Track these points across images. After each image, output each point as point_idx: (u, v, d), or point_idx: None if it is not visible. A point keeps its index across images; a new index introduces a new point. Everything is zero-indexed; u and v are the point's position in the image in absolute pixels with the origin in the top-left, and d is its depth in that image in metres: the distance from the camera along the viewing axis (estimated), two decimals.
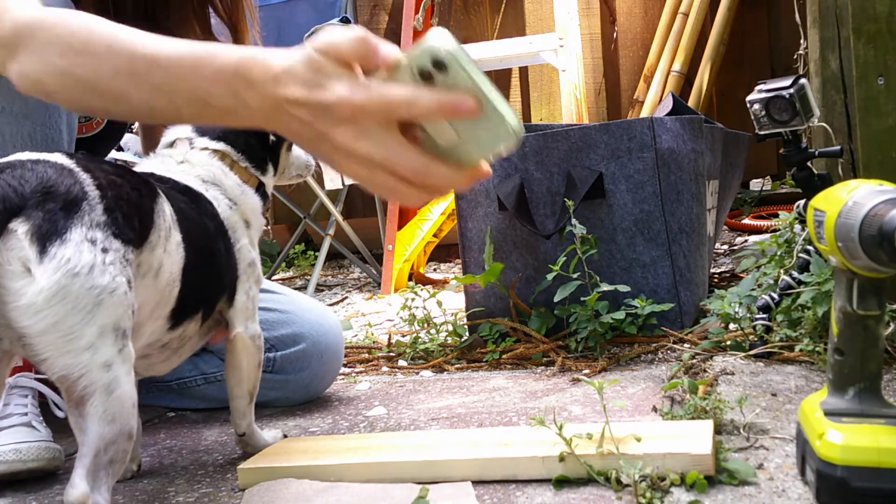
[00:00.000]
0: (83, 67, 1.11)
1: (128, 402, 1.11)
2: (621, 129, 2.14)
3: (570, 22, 3.85)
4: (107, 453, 1.09)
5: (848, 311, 1.10)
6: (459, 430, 1.55)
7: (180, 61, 1.06)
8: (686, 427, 1.34)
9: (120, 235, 1.13)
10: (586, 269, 2.04)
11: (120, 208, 1.14)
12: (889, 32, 1.87)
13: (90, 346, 1.07)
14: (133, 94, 1.10)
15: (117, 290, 1.10)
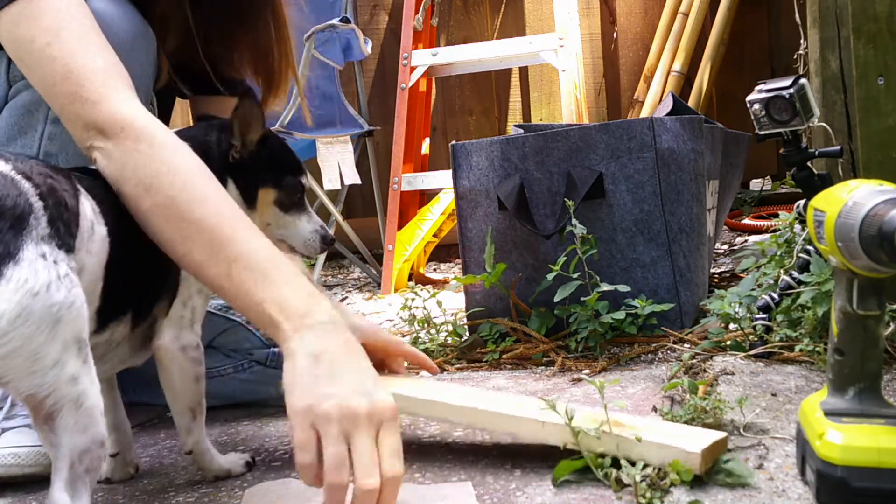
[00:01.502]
0: (167, 202, 1.26)
1: (97, 411, 1.10)
2: (621, 129, 2.14)
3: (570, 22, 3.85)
4: (82, 463, 1.08)
5: (848, 311, 1.10)
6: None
7: (252, 275, 1.23)
8: (692, 429, 1.33)
9: (63, 245, 1.11)
10: (586, 269, 2.04)
11: (60, 216, 1.12)
12: (889, 32, 1.87)
13: (56, 362, 1.06)
14: (194, 253, 1.25)
15: (75, 303, 1.08)
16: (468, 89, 4.43)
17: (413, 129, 3.93)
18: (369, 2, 4.45)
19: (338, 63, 3.86)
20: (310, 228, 1.54)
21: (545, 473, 1.32)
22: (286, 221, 1.52)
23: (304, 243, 1.54)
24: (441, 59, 3.87)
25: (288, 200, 1.51)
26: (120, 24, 1.55)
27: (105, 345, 1.30)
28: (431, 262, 4.26)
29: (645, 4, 4.27)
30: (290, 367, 1.17)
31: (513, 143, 2.24)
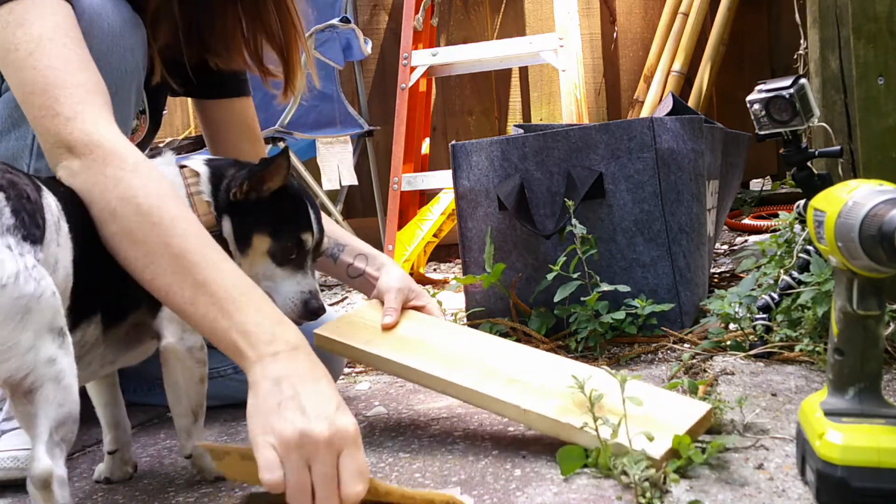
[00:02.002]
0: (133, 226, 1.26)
1: (74, 389, 1.12)
2: (621, 129, 2.15)
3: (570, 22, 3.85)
4: (58, 433, 1.10)
5: (848, 311, 1.10)
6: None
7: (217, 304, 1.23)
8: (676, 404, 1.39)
9: (29, 237, 1.11)
10: (586, 269, 2.04)
11: (24, 208, 1.11)
12: (889, 32, 1.87)
13: (30, 348, 1.07)
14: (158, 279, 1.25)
15: (44, 294, 1.08)
16: (468, 89, 4.42)
17: (413, 129, 3.93)
18: (369, 2, 4.45)
19: (338, 63, 3.86)
20: (296, 289, 1.47)
21: (545, 473, 1.32)
22: (275, 274, 1.47)
23: (284, 302, 1.46)
24: (441, 59, 3.87)
25: (282, 255, 1.46)
26: (110, 14, 1.56)
27: (78, 346, 1.27)
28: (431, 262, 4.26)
29: (645, 4, 4.27)
30: (252, 394, 1.18)
31: (513, 143, 2.24)
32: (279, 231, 1.46)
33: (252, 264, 1.46)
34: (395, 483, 1.35)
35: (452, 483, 1.33)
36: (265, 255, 1.46)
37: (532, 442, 1.48)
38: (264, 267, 1.46)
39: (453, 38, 4.38)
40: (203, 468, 1.44)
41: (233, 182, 1.44)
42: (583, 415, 1.33)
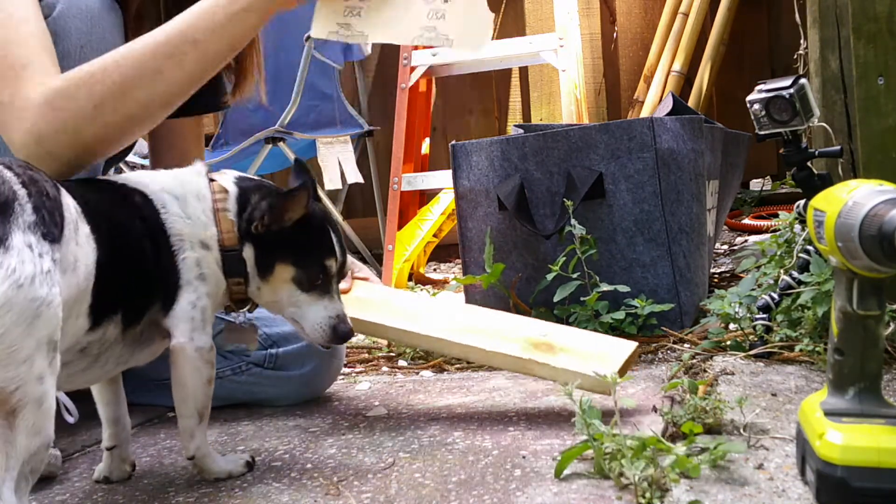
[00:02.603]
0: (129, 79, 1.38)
1: (51, 413, 1.10)
2: (621, 129, 2.14)
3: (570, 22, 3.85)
4: (29, 463, 1.08)
5: (848, 311, 1.10)
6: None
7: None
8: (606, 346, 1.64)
9: (48, 235, 1.10)
10: (586, 269, 2.04)
11: (44, 205, 1.11)
12: (889, 32, 1.87)
13: (27, 358, 1.06)
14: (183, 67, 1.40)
15: (53, 302, 1.08)
16: (468, 89, 4.42)
17: (413, 129, 3.93)
18: None
19: (337, 63, 3.86)
20: (324, 315, 1.45)
21: (545, 473, 1.32)
22: (301, 301, 1.45)
23: (312, 328, 1.45)
24: (441, 59, 3.87)
25: (308, 282, 1.44)
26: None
27: (98, 344, 1.29)
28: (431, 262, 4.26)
29: (645, 4, 4.27)
30: None
31: (513, 143, 2.24)
32: (303, 259, 1.43)
33: (275, 290, 1.45)
34: (395, 483, 1.35)
35: (453, 483, 1.33)
36: (289, 282, 1.44)
37: (532, 442, 1.48)
38: (289, 293, 1.44)
39: None
40: (204, 469, 1.43)
41: (255, 212, 1.42)
42: (539, 353, 1.59)
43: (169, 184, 1.42)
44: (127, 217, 1.34)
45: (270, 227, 1.42)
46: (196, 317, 1.37)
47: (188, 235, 1.38)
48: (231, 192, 1.44)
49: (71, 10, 1.55)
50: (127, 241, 1.32)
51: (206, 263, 1.39)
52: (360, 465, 1.44)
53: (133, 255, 1.32)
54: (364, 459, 1.47)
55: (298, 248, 1.45)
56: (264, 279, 1.44)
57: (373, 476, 1.39)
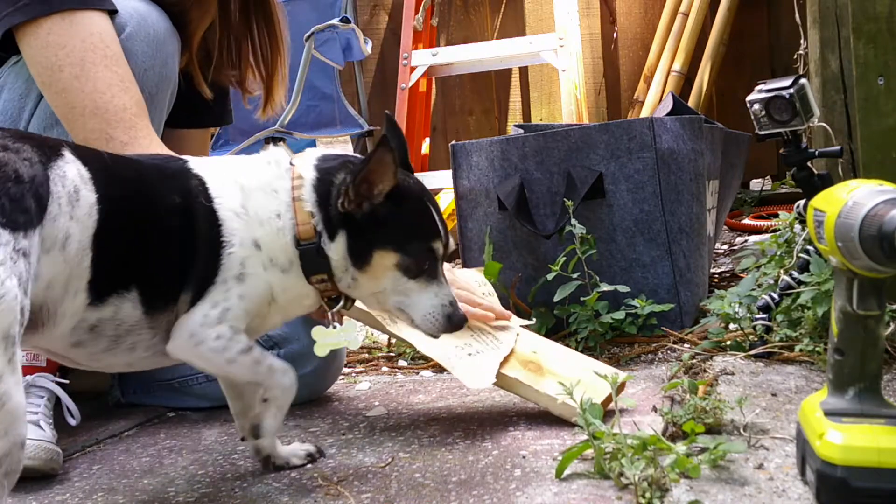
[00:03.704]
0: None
1: (19, 412, 1.05)
2: (621, 129, 2.14)
3: (570, 22, 3.84)
4: (2, 466, 1.05)
5: (848, 311, 1.10)
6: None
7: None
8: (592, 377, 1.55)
9: (8, 224, 1.05)
10: (586, 269, 2.04)
11: (6, 192, 1.06)
12: (889, 32, 1.87)
13: None
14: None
15: (6, 297, 1.02)
16: (468, 89, 4.42)
17: (413, 129, 3.93)
18: (369, 2, 4.45)
19: (338, 63, 3.86)
20: (435, 303, 1.34)
21: (545, 473, 1.32)
22: (408, 289, 1.34)
23: (423, 317, 1.35)
24: (441, 59, 3.87)
25: (415, 268, 1.33)
26: (155, 21, 1.63)
27: (111, 323, 1.24)
28: None
29: (645, 4, 4.27)
30: None
31: (513, 143, 2.24)
32: (406, 244, 1.32)
33: (377, 280, 1.34)
34: (395, 483, 1.35)
35: (453, 483, 1.33)
36: (393, 269, 1.33)
37: (532, 442, 1.48)
38: (393, 282, 1.34)
39: (453, 38, 4.38)
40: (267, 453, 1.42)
41: (339, 191, 1.31)
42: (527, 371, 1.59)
43: (238, 174, 1.34)
44: (161, 197, 1.27)
45: (360, 205, 1.30)
46: (211, 314, 1.28)
47: (239, 231, 1.30)
48: (307, 178, 1.33)
49: (140, 33, 1.60)
50: (150, 219, 1.25)
51: (251, 264, 1.30)
52: (360, 465, 1.44)
53: (156, 235, 1.25)
54: (364, 459, 1.47)
55: (399, 229, 1.33)
56: (361, 269, 1.32)
57: (373, 476, 1.39)
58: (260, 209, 1.31)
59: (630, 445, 1.25)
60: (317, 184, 1.33)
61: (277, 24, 1.88)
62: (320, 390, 1.90)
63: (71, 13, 1.49)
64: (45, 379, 1.61)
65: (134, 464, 1.58)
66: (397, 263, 1.32)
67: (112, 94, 1.49)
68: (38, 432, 1.51)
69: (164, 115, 1.71)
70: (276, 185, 1.33)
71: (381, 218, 1.31)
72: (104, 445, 1.70)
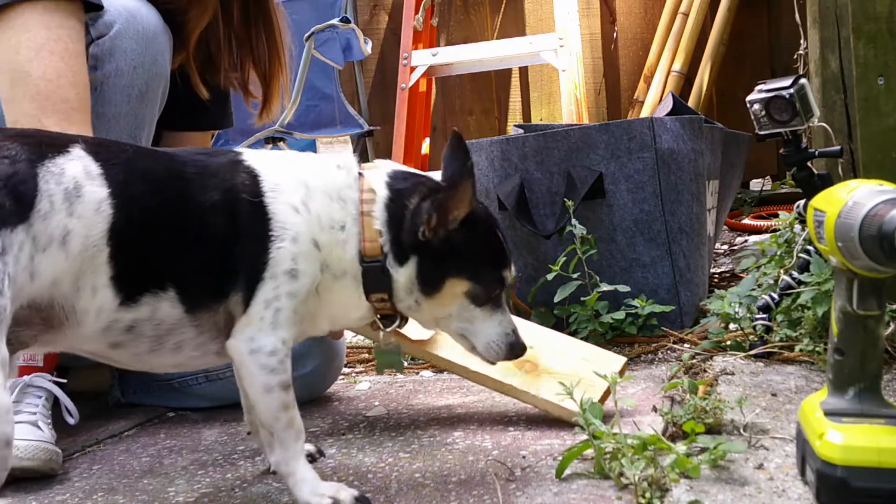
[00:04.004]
0: None
1: (2, 409, 1.03)
2: (621, 129, 2.14)
3: (570, 22, 3.85)
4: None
5: (848, 311, 1.10)
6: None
7: None
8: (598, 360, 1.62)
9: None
10: (586, 269, 2.04)
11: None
12: (889, 32, 1.87)
13: None
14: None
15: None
16: (468, 89, 4.42)
17: (413, 129, 3.93)
18: (369, 2, 4.45)
19: (338, 63, 3.86)
20: (499, 331, 1.34)
21: (545, 473, 1.32)
22: (473, 316, 1.33)
23: (486, 345, 1.34)
24: (441, 59, 3.87)
25: (484, 296, 1.32)
26: (145, 17, 1.63)
27: (149, 324, 1.21)
28: None
29: (645, 4, 4.27)
30: None
31: (513, 143, 2.24)
32: (479, 272, 1.31)
33: (442, 306, 1.32)
34: (395, 483, 1.35)
35: (453, 483, 1.33)
36: (462, 296, 1.32)
37: (532, 442, 1.48)
38: (459, 308, 1.33)
39: (453, 38, 4.38)
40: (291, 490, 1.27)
41: (417, 217, 1.28)
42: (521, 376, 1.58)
43: (302, 171, 1.30)
44: (198, 192, 1.23)
45: (438, 232, 1.28)
46: (265, 316, 1.23)
47: (294, 226, 1.24)
48: (380, 195, 1.30)
49: (128, 30, 1.59)
50: (183, 215, 1.21)
51: (303, 260, 1.25)
52: (360, 465, 1.44)
53: (192, 232, 1.22)
54: (364, 459, 1.47)
55: (472, 257, 1.31)
56: (429, 295, 1.31)
57: (373, 476, 1.39)
58: (322, 212, 1.28)
59: (630, 445, 1.25)
60: (389, 203, 1.29)
61: (277, 30, 1.87)
62: (320, 390, 1.90)
63: (45, 3, 1.49)
64: (42, 379, 1.61)
65: (134, 464, 1.58)
66: (468, 291, 1.32)
67: (59, 84, 1.48)
68: (36, 433, 1.51)
69: (156, 111, 1.70)
70: (343, 194, 1.29)
71: (455, 245, 1.29)
72: (104, 445, 1.70)
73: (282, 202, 1.25)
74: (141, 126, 1.67)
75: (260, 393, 1.24)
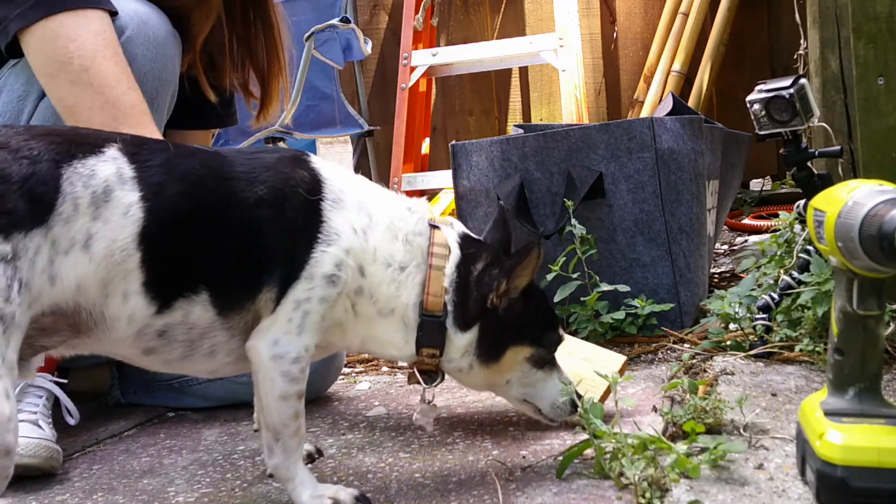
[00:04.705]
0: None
1: (2, 419, 1.02)
2: (621, 129, 2.14)
3: (570, 22, 3.84)
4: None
5: (848, 311, 1.10)
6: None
7: None
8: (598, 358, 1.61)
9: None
10: (586, 269, 2.04)
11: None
12: (889, 32, 1.87)
13: None
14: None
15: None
16: (468, 89, 4.42)
17: (413, 129, 3.93)
18: (369, 2, 4.45)
19: (338, 63, 3.86)
20: (559, 390, 1.37)
21: (545, 473, 1.32)
22: (535, 379, 1.35)
23: (551, 406, 1.37)
24: (441, 59, 3.87)
25: (544, 360, 1.35)
26: (155, 23, 1.63)
27: (182, 329, 1.18)
28: None
29: (645, 4, 4.27)
30: None
31: (513, 143, 2.24)
32: (542, 336, 1.34)
33: (501, 373, 1.34)
34: (395, 483, 1.35)
35: (453, 483, 1.33)
36: (524, 362, 1.34)
37: (532, 442, 1.48)
38: (521, 375, 1.35)
39: (453, 38, 4.38)
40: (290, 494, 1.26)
41: (485, 283, 1.28)
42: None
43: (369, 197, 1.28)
44: (242, 188, 1.19)
45: (502, 300, 1.28)
46: (294, 318, 1.20)
47: (348, 240, 1.22)
48: (454, 254, 1.29)
49: (139, 36, 1.59)
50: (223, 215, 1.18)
51: (346, 271, 1.22)
52: (360, 465, 1.44)
53: (230, 230, 1.18)
54: (364, 459, 1.47)
55: (533, 323, 1.33)
56: (487, 363, 1.31)
57: (373, 476, 1.39)
58: (381, 247, 1.26)
59: (630, 445, 1.25)
60: (460, 265, 1.29)
61: (277, 32, 1.86)
62: (320, 390, 1.90)
63: (83, 10, 1.49)
64: (43, 379, 1.61)
65: (134, 464, 1.58)
66: (530, 356, 1.33)
67: (122, 89, 1.48)
68: (37, 431, 1.52)
69: (163, 117, 1.71)
70: (410, 238, 1.28)
71: (516, 312, 1.30)
72: (104, 445, 1.70)
73: (341, 216, 1.23)
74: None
75: (276, 399, 1.22)
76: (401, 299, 1.26)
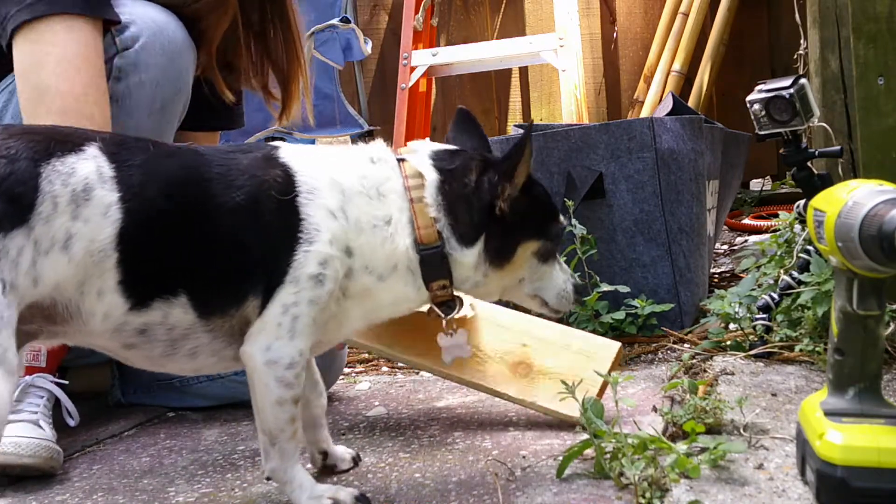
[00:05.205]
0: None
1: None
2: (621, 129, 2.14)
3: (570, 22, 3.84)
4: None
5: (848, 311, 1.10)
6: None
7: None
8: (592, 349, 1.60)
9: None
10: (586, 269, 2.04)
11: None
12: (889, 32, 1.87)
13: None
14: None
15: None
16: (468, 89, 4.42)
17: (413, 129, 3.93)
18: (369, 2, 4.45)
19: (338, 63, 3.86)
20: (563, 278, 1.37)
21: (545, 473, 1.32)
22: (542, 273, 1.35)
23: (557, 296, 1.37)
24: (441, 59, 3.87)
25: (549, 252, 1.34)
26: (172, 31, 1.62)
27: (163, 328, 1.17)
28: None
29: (645, 4, 4.27)
30: None
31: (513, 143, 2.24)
32: (546, 228, 1.33)
33: (513, 272, 1.31)
34: (395, 483, 1.35)
35: (453, 483, 1.33)
36: (531, 257, 1.32)
37: (532, 442, 1.48)
38: (529, 270, 1.33)
39: (453, 38, 4.38)
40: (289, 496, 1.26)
41: (483, 190, 1.26)
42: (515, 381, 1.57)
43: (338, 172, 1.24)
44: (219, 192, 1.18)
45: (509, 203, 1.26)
46: (283, 322, 1.19)
47: (328, 231, 1.20)
48: (429, 179, 1.26)
49: (154, 45, 1.58)
50: (201, 218, 1.17)
51: (332, 267, 1.20)
52: (360, 465, 1.44)
53: (209, 235, 1.17)
54: (364, 459, 1.47)
55: (537, 216, 1.32)
56: (501, 266, 1.29)
57: (373, 476, 1.39)
58: (362, 215, 1.23)
59: (630, 445, 1.25)
60: (441, 185, 1.26)
61: (295, 31, 1.84)
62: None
63: (72, 17, 1.49)
64: (44, 379, 1.61)
65: (134, 464, 1.58)
66: (537, 250, 1.32)
67: (85, 101, 1.47)
68: (37, 431, 1.52)
69: (175, 124, 1.70)
70: (383, 188, 1.25)
71: (521, 210, 1.28)
72: (104, 445, 1.70)
73: (318, 206, 1.21)
74: (159, 138, 1.68)
75: (271, 405, 1.21)
76: (398, 249, 1.24)
